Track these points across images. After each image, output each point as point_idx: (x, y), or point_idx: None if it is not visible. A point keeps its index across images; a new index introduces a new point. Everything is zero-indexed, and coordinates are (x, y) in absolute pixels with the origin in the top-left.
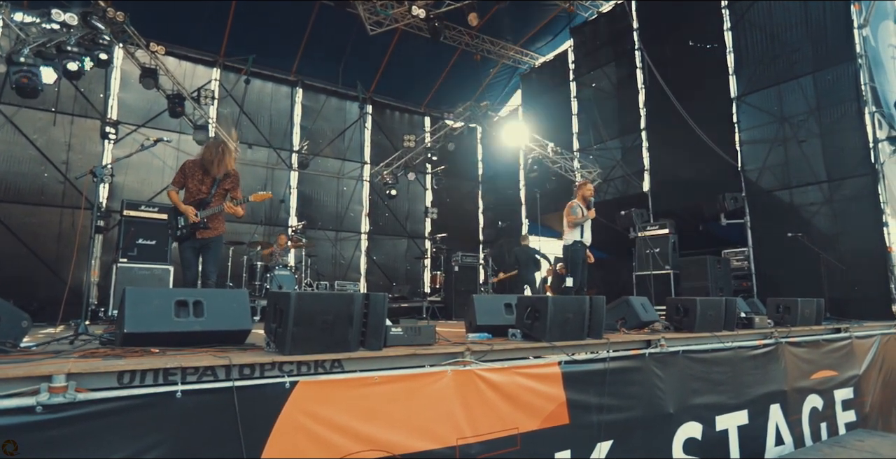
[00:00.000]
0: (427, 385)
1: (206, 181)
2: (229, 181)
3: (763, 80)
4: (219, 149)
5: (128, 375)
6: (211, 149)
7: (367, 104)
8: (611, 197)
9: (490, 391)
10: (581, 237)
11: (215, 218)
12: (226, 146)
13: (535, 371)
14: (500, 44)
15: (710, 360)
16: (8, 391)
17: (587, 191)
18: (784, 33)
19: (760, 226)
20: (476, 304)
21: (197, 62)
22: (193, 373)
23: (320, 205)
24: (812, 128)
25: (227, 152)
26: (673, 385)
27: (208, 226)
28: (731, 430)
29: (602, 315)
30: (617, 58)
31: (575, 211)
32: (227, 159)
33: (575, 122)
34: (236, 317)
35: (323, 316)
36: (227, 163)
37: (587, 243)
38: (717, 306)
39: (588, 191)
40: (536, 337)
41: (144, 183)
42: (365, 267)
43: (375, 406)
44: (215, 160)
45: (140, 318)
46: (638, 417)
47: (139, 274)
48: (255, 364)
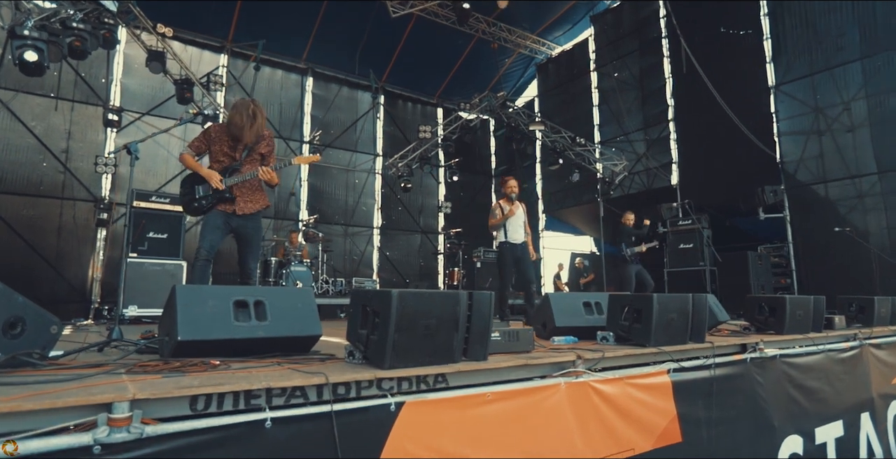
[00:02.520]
0: (541, 402)
1: (237, 147)
2: (264, 144)
3: (804, 68)
4: (249, 110)
5: (202, 399)
6: (241, 112)
7: (379, 94)
8: (635, 190)
9: (605, 406)
10: (506, 238)
11: (249, 189)
12: (257, 106)
13: (645, 381)
14: (517, 32)
15: (804, 366)
16: (55, 424)
17: (508, 187)
18: (827, 18)
19: (800, 221)
20: (553, 304)
21: (204, 47)
22: (280, 395)
23: (331, 198)
24: (860, 117)
25: (258, 114)
26: (774, 394)
27: (235, 197)
28: (830, 443)
29: (705, 315)
30: (642, 46)
31: (494, 213)
32: (259, 121)
33: (596, 114)
34: (303, 321)
35: (426, 319)
36: (260, 126)
37: (517, 241)
38: (806, 305)
39: (509, 187)
40: (638, 340)
41: (149, 173)
42: (378, 263)
43: (488, 428)
44: (246, 125)
45: (195, 323)
46: (745, 431)
47: (150, 270)
48: (351, 382)
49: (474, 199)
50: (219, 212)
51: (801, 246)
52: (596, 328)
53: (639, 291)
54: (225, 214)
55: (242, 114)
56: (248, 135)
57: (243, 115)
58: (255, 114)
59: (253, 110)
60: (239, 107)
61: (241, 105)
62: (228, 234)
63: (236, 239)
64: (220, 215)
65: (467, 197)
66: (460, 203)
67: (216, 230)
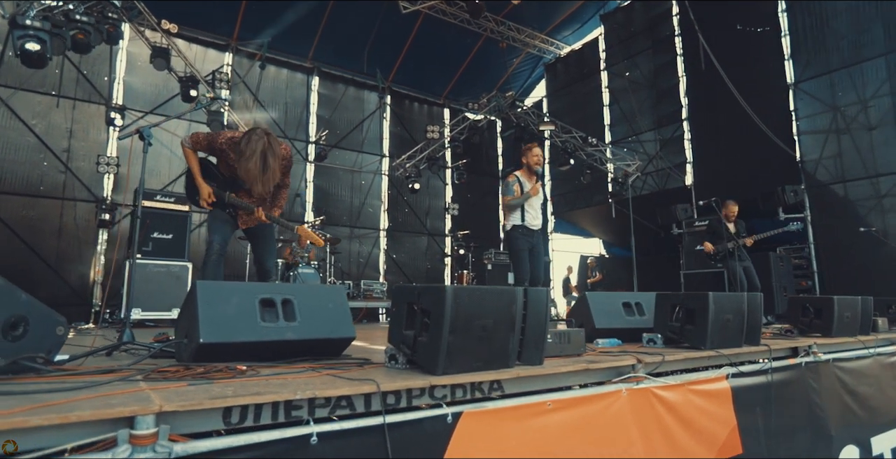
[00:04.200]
0: (603, 410)
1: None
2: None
3: (824, 65)
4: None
5: (237, 411)
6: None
7: (386, 93)
8: (648, 191)
9: (667, 414)
10: (523, 220)
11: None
12: (271, 146)
13: (705, 387)
14: (525, 31)
15: (856, 370)
16: (66, 443)
17: (533, 156)
18: (850, 14)
19: (822, 221)
20: (592, 304)
21: (208, 45)
22: (324, 406)
23: (337, 199)
24: (885, 114)
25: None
26: (829, 400)
27: (237, 214)
28: (887, 454)
29: (759, 316)
30: (654, 45)
31: (510, 189)
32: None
33: (606, 114)
34: (335, 321)
35: (482, 319)
36: (274, 174)
37: (535, 227)
38: (854, 306)
39: (534, 156)
40: (692, 343)
41: (151, 173)
42: (384, 265)
43: (550, 439)
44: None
45: (218, 324)
46: (803, 441)
47: (154, 272)
48: (402, 390)
49: (482, 201)
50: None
51: (822, 248)
52: (638, 329)
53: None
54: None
55: (256, 162)
56: (258, 188)
57: (257, 163)
58: (268, 160)
59: (265, 154)
60: (252, 148)
61: (254, 145)
62: (237, 229)
63: (249, 238)
64: (223, 212)
65: (475, 198)
66: (468, 205)
67: (226, 223)
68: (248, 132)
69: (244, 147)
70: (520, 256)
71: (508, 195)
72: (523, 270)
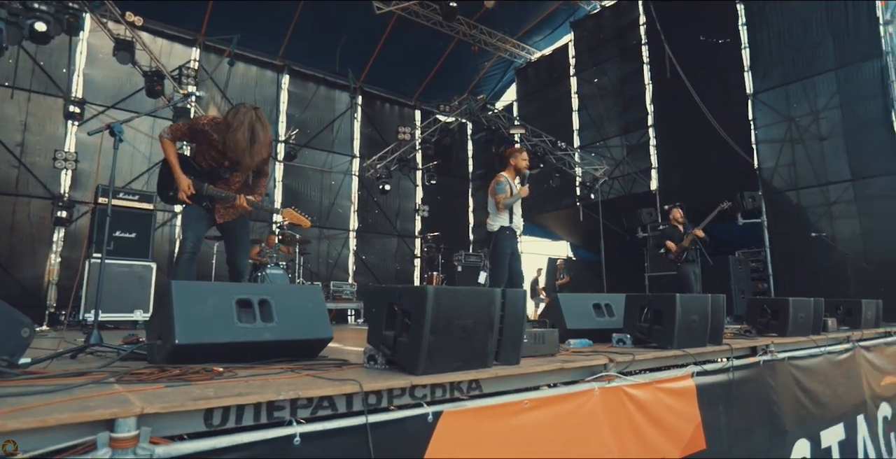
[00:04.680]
0: (577, 408)
1: (227, 154)
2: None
3: (780, 77)
4: (250, 126)
5: (219, 413)
6: (241, 129)
7: (357, 94)
8: (614, 195)
9: (637, 412)
10: (510, 222)
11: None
12: (260, 120)
13: (672, 385)
14: (497, 35)
15: (808, 368)
16: (43, 447)
17: (522, 160)
18: (804, 28)
19: (777, 226)
20: (563, 305)
21: (175, 40)
22: (305, 407)
23: (306, 199)
24: (834, 125)
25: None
26: (784, 397)
27: (214, 207)
28: (834, 447)
29: (722, 316)
30: (622, 53)
31: (502, 187)
32: (262, 141)
33: (575, 119)
34: (313, 322)
35: (462, 320)
36: (263, 146)
37: (519, 229)
38: (807, 307)
39: (522, 160)
40: (659, 342)
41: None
42: (353, 266)
43: (527, 437)
44: (246, 149)
45: (194, 325)
46: (761, 436)
47: (116, 272)
48: (384, 390)
49: (452, 203)
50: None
51: (777, 252)
52: (608, 330)
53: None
54: (202, 211)
55: (244, 133)
56: (247, 160)
57: (245, 134)
58: (257, 132)
59: (253, 126)
60: (240, 119)
61: (241, 117)
62: (213, 225)
63: (224, 235)
64: (197, 207)
65: (445, 200)
66: (438, 206)
67: (200, 221)
68: (235, 107)
69: (231, 119)
70: (503, 258)
71: (502, 193)
72: (503, 272)
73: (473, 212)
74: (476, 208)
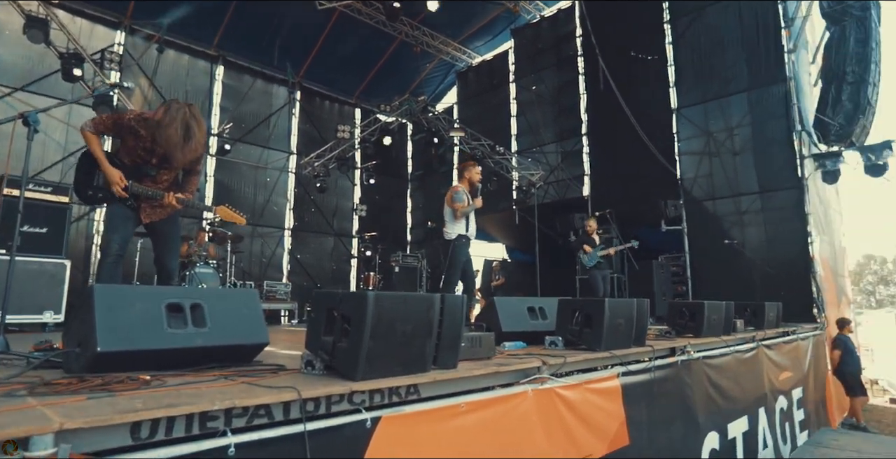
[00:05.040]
0: (512, 410)
1: (156, 150)
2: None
3: (701, 94)
4: (183, 122)
5: (147, 425)
6: (174, 124)
7: (296, 89)
8: (549, 200)
9: (567, 412)
10: (467, 230)
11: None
12: (195, 117)
13: (600, 385)
14: (439, 38)
15: (719, 366)
16: None
17: (475, 174)
18: (722, 52)
19: (695, 233)
20: (499, 309)
21: (96, 21)
22: (241, 415)
23: (239, 195)
24: (746, 142)
25: (196, 129)
26: (698, 393)
27: (140, 206)
28: (738, 438)
29: (646, 319)
30: (559, 63)
31: (460, 197)
32: (196, 139)
33: (513, 124)
34: (249, 327)
35: (401, 325)
36: (198, 144)
37: (472, 236)
38: (720, 310)
39: (476, 174)
40: (588, 345)
41: (21, 160)
42: (288, 265)
43: (464, 439)
44: (179, 145)
45: (119, 331)
46: (678, 430)
47: (25, 270)
48: (322, 397)
49: (390, 203)
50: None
51: (695, 257)
52: (541, 333)
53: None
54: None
55: (178, 129)
56: (179, 157)
57: (178, 131)
58: (191, 129)
59: (187, 122)
60: (172, 115)
61: (174, 112)
62: (139, 225)
63: (151, 235)
64: (122, 206)
65: (383, 200)
66: (376, 206)
67: (127, 221)
68: (167, 102)
69: (163, 115)
70: (458, 265)
71: (460, 203)
72: (457, 278)
73: (412, 213)
74: (414, 209)
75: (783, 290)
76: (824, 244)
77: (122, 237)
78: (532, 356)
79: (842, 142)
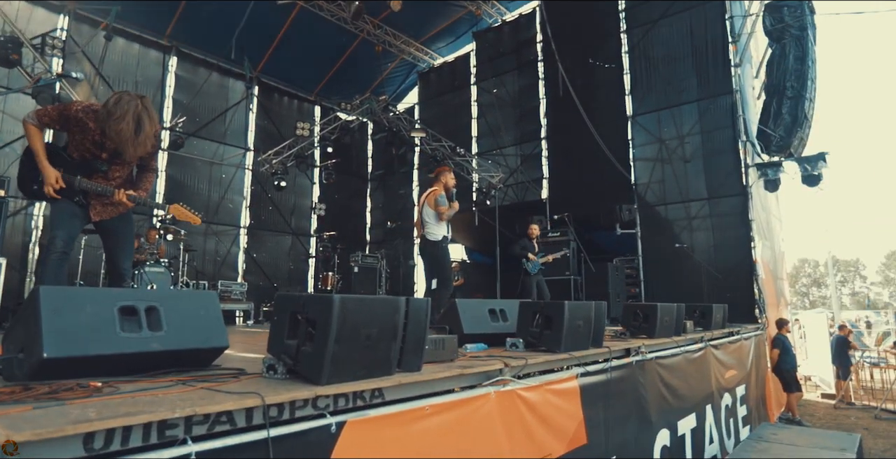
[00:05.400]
0: (474, 412)
1: (105, 144)
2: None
3: (654, 102)
4: (134, 115)
5: (101, 436)
6: (125, 117)
7: (253, 84)
8: (508, 202)
9: (528, 413)
10: (448, 232)
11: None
12: (146, 108)
13: (559, 386)
14: (401, 38)
15: (670, 366)
16: None
17: (451, 178)
18: (674, 63)
19: (648, 237)
20: (461, 311)
21: (36, 3)
22: (201, 423)
23: (193, 192)
24: (696, 149)
25: (146, 121)
26: (651, 392)
27: (89, 203)
28: (687, 435)
29: (603, 321)
30: (520, 67)
31: (444, 201)
32: (147, 132)
33: (474, 126)
34: (207, 330)
35: (366, 329)
36: (148, 138)
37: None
38: (672, 312)
39: (452, 179)
40: (548, 346)
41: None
42: (244, 265)
43: (428, 442)
44: (129, 139)
45: (67, 335)
46: (632, 428)
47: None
48: (286, 402)
49: (350, 202)
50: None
51: (648, 260)
52: (502, 334)
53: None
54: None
55: (129, 123)
56: (130, 151)
57: (129, 124)
58: (143, 122)
59: (139, 115)
60: (123, 108)
61: (125, 105)
62: (88, 223)
63: (102, 234)
64: (69, 203)
65: (343, 199)
66: (335, 205)
67: (74, 218)
68: (118, 94)
69: (113, 108)
70: (449, 267)
71: (445, 206)
72: (452, 277)
73: (371, 213)
74: (374, 209)
75: (728, 292)
76: (766, 248)
77: (68, 234)
78: (494, 358)
79: (782, 153)
